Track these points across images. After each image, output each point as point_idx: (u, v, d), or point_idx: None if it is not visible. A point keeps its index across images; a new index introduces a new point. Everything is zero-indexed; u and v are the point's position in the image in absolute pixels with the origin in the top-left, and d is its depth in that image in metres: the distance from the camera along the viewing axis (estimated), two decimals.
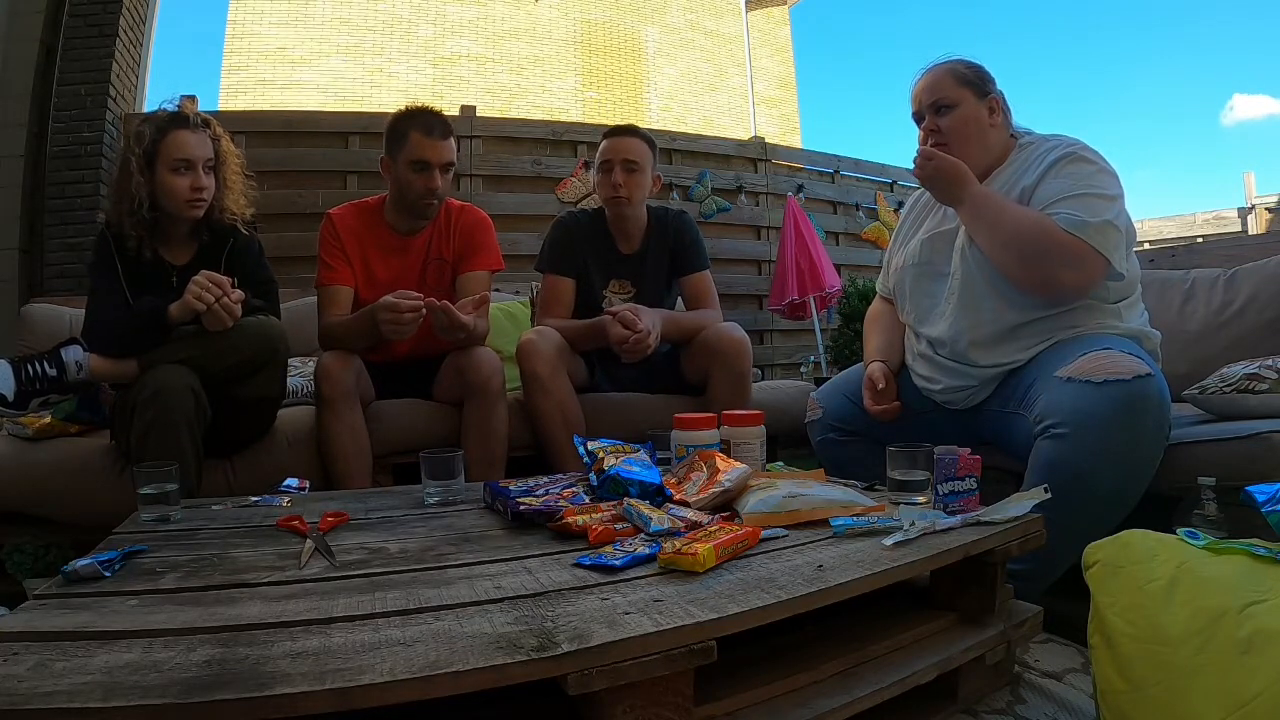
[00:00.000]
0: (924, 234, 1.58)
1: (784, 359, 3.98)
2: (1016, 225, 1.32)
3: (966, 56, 1.51)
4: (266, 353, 1.59)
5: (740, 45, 10.38)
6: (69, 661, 0.62)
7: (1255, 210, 8.48)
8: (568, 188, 3.56)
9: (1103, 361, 1.21)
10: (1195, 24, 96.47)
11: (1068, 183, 1.33)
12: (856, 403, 1.64)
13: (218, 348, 1.53)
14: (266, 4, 8.29)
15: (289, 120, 3.33)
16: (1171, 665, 0.72)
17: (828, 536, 0.98)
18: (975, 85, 1.47)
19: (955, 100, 1.46)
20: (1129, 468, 1.20)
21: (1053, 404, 1.23)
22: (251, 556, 0.94)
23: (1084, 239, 1.27)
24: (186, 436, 1.44)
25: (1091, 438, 1.17)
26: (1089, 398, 1.18)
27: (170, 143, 1.63)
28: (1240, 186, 8.98)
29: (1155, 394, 1.19)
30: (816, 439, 1.74)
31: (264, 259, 1.81)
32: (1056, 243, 1.28)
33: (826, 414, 1.71)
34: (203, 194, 1.66)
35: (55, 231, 2.90)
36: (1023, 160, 1.45)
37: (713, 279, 2.11)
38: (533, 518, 1.06)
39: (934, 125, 1.47)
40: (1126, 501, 1.23)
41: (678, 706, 0.70)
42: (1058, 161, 1.37)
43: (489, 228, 1.98)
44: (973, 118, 1.46)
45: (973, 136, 1.46)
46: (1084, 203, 1.30)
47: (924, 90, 1.49)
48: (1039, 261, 1.31)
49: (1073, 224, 1.27)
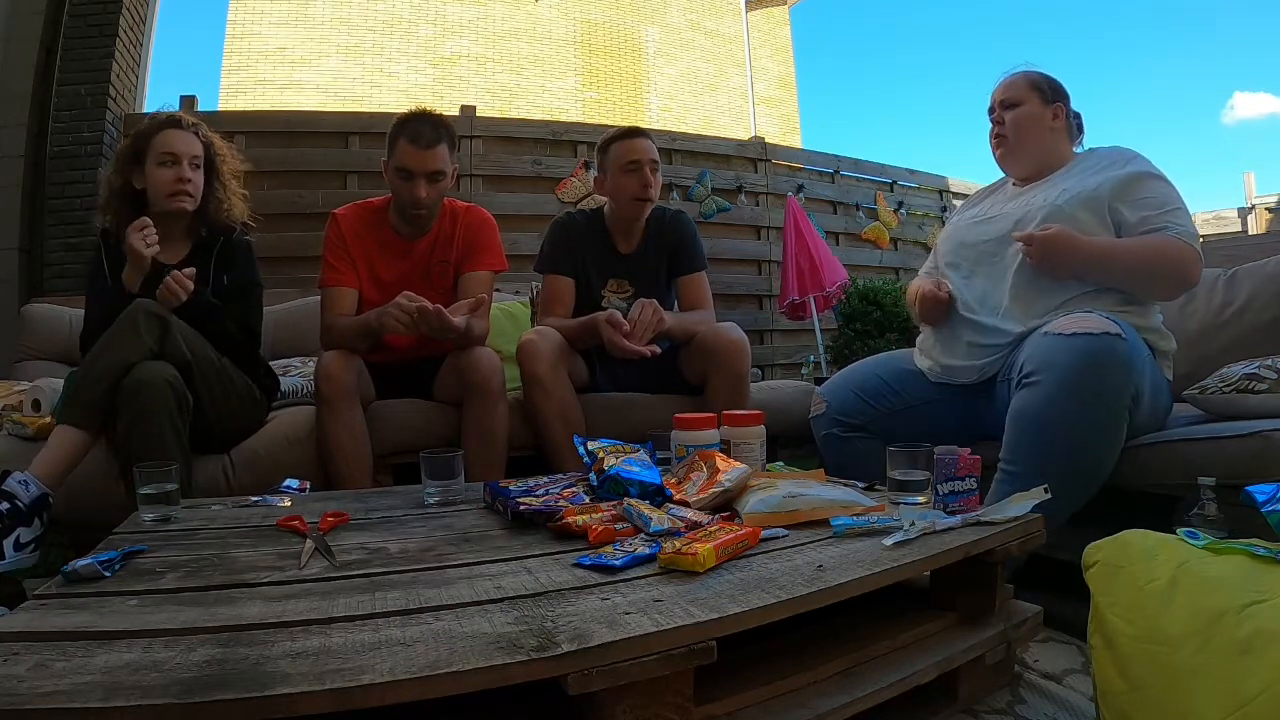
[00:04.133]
0: (985, 204, 1.72)
1: (784, 359, 3.98)
2: (1145, 257, 1.43)
3: (1042, 69, 1.67)
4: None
5: (740, 45, 10.37)
6: (69, 661, 0.62)
7: (1255, 210, 8.48)
8: (568, 188, 3.56)
9: (1078, 319, 1.31)
10: (1197, 20, 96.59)
11: (1159, 198, 1.46)
12: (862, 397, 1.70)
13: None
14: (266, 4, 8.28)
15: (289, 120, 3.33)
16: (1171, 665, 0.72)
17: (828, 536, 0.98)
18: (1043, 91, 1.62)
19: (1022, 99, 1.62)
20: (1087, 420, 1.26)
21: (1030, 355, 1.34)
22: (251, 556, 0.94)
23: (1195, 246, 1.43)
24: (170, 431, 1.44)
25: (1053, 384, 1.27)
26: (1057, 348, 1.29)
27: (159, 139, 1.69)
28: (1240, 186, 8.99)
29: (1121, 353, 1.26)
30: (820, 434, 1.76)
31: (252, 262, 1.82)
32: (1182, 257, 1.42)
33: (831, 408, 1.73)
34: (185, 186, 1.69)
35: (55, 231, 2.91)
36: (1083, 166, 1.57)
37: (708, 280, 2.12)
38: (533, 518, 1.06)
39: (1000, 119, 1.65)
40: (1088, 459, 1.28)
41: (678, 706, 0.70)
42: (1140, 177, 1.48)
43: (493, 228, 1.98)
44: (1034, 116, 1.61)
45: (1031, 132, 1.61)
46: (1178, 216, 1.45)
47: (999, 90, 1.67)
48: (1173, 277, 1.44)
49: (1189, 236, 1.43)
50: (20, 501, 1.34)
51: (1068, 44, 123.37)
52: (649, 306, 1.81)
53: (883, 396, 1.69)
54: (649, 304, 1.82)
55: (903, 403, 1.67)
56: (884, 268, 4.28)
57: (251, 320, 1.81)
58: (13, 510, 1.33)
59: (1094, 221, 1.46)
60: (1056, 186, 1.55)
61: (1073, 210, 1.47)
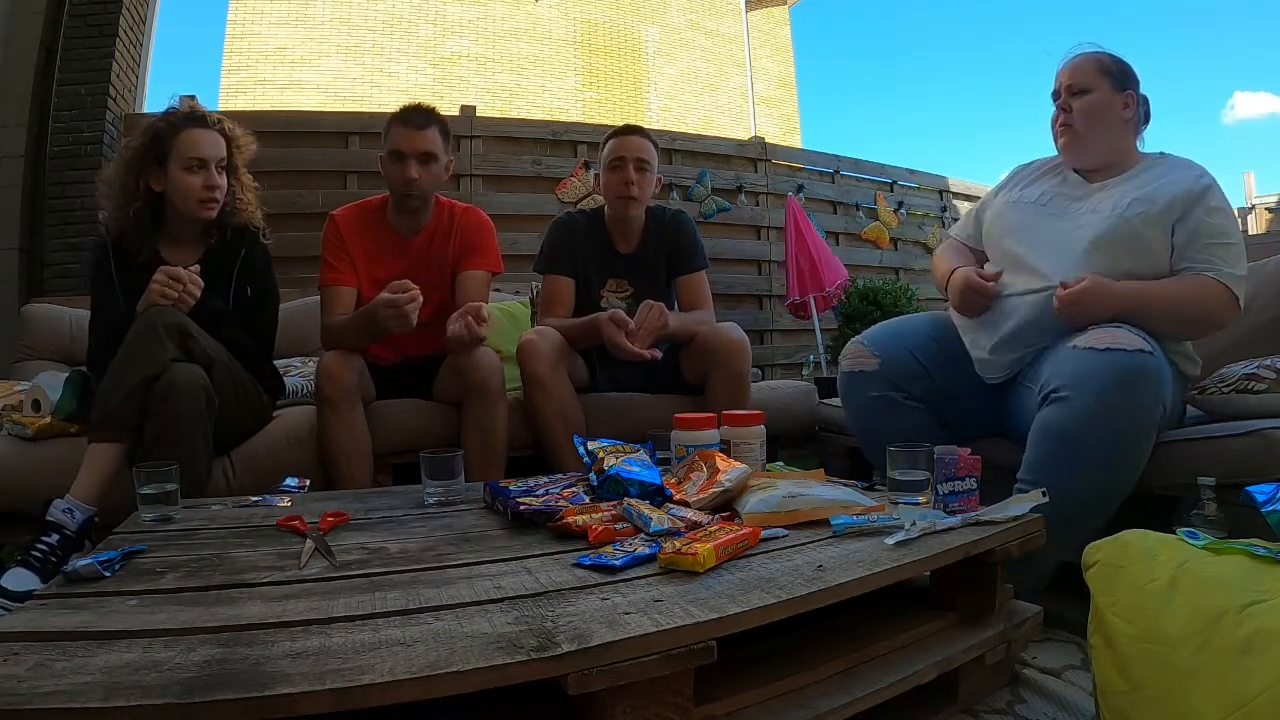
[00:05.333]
0: (1047, 188, 1.55)
1: (784, 359, 3.98)
2: (1178, 302, 1.37)
3: (1113, 51, 1.54)
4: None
5: (740, 45, 10.37)
6: (69, 661, 0.62)
7: (1255, 210, 8.48)
8: (568, 188, 3.56)
9: (1110, 334, 1.25)
10: (1197, 20, 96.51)
11: (1215, 227, 1.39)
12: (920, 358, 1.52)
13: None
14: (266, 4, 8.28)
15: (289, 120, 3.33)
16: (1171, 665, 0.72)
17: (828, 536, 0.98)
18: (1115, 76, 1.49)
19: (1092, 86, 1.49)
20: (1122, 437, 1.23)
21: (1057, 370, 1.28)
22: (251, 556, 0.94)
23: (1232, 288, 1.37)
24: (200, 432, 1.46)
25: (1088, 401, 1.21)
26: (1090, 363, 1.23)
27: (184, 140, 1.62)
28: (1240, 186, 8.99)
29: (1154, 369, 1.22)
30: (871, 394, 1.51)
31: (270, 269, 1.81)
32: (1216, 301, 1.37)
33: (885, 365, 1.51)
34: (215, 193, 1.65)
35: (55, 231, 2.90)
36: (1161, 167, 1.47)
37: (709, 279, 2.11)
38: (533, 518, 1.06)
39: (1067, 105, 1.51)
40: (1118, 475, 1.25)
41: (678, 706, 0.70)
42: (1205, 199, 1.39)
43: (490, 230, 1.99)
44: (1105, 104, 1.48)
45: (1101, 121, 1.48)
46: (1227, 253, 1.38)
47: (1066, 72, 1.53)
48: (1205, 322, 1.39)
49: (1229, 277, 1.36)
50: (68, 530, 1.36)
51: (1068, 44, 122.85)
52: (655, 309, 1.80)
53: (941, 367, 1.51)
54: (655, 306, 1.81)
55: (955, 380, 1.50)
56: (884, 268, 4.28)
57: (268, 331, 1.80)
58: (63, 540, 1.34)
59: (1159, 239, 1.38)
60: (1125, 192, 1.43)
61: (1140, 226, 1.38)
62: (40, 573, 1.29)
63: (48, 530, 1.35)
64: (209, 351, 1.54)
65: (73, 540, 1.35)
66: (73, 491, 1.40)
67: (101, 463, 1.42)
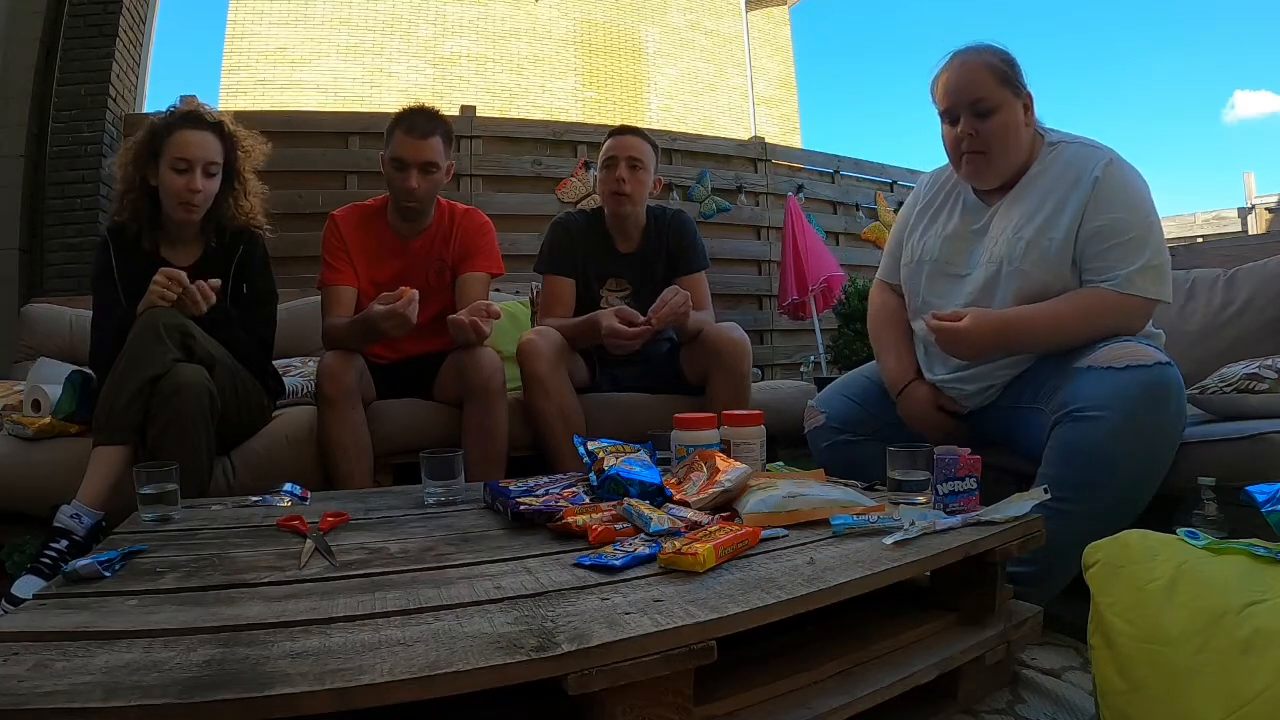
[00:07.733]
0: (944, 231, 1.52)
1: (784, 359, 3.98)
2: (1067, 321, 1.32)
3: (992, 43, 1.42)
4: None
5: (740, 45, 10.37)
6: (69, 661, 0.62)
7: (1255, 210, 8.49)
8: (568, 188, 3.56)
9: (1125, 349, 1.24)
10: (1197, 20, 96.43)
11: (1115, 225, 1.31)
12: (859, 402, 1.63)
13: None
14: (266, 4, 8.29)
15: (289, 120, 3.33)
16: (1171, 665, 0.72)
17: (828, 536, 0.98)
18: (1013, 85, 1.38)
19: (997, 103, 1.37)
20: (1150, 452, 1.21)
21: (1077, 390, 1.23)
22: (251, 556, 0.94)
23: (1133, 294, 1.29)
24: (203, 432, 1.46)
25: (1118, 419, 1.18)
26: (1114, 381, 1.20)
27: (175, 140, 1.63)
28: (1240, 186, 8.99)
29: (1175, 381, 1.22)
30: (824, 444, 1.66)
31: (269, 268, 1.81)
32: (1114, 311, 1.31)
33: (830, 418, 1.65)
34: (195, 197, 1.64)
35: (55, 231, 2.90)
36: (1056, 167, 1.39)
37: (708, 280, 2.11)
38: (533, 518, 1.06)
39: (972, 129, 1.39)
40: (1142, 490, 1.24)
41: (678, 706, 0.70)
42: (1102, 194, 1.32)
43: (490, 232, 1.99)
44: (1014, 122, 1.38)
45: (1013, 141, 1.39)
46: (1128, 249, 1.30)
47: (960, 87, 1.40)
48: (1106, 333, 1.30)
49: (1126, 282, 1.29)
50: (77, 535, 1.35)
51: (1068, 44, 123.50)
52: (682, 294, 1.81)
53: (880, 402, 1.60)
54: (682, 292, 1.82)
55: (893, 411, 1.57)
56: None
57: (266, 331, 1.80)
58: (72, 545, 1.34)
59: (1057, 260, 1.34)
60: (1019, 220, 1.38)
61: (1029, 267, 1.35)
62: (50, 580, 1.29)
63: (56, 536, 1.35)
64: (210, 351, 1.54)
65: (81, 546, 1.34)
66: (80, 496, 1.39)
67: (108, 466, 1.42)
